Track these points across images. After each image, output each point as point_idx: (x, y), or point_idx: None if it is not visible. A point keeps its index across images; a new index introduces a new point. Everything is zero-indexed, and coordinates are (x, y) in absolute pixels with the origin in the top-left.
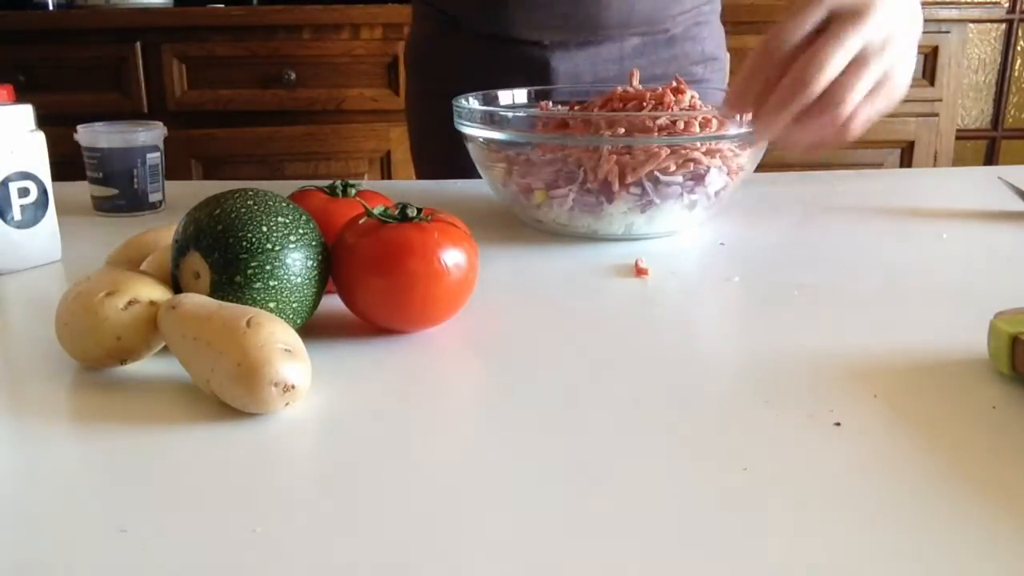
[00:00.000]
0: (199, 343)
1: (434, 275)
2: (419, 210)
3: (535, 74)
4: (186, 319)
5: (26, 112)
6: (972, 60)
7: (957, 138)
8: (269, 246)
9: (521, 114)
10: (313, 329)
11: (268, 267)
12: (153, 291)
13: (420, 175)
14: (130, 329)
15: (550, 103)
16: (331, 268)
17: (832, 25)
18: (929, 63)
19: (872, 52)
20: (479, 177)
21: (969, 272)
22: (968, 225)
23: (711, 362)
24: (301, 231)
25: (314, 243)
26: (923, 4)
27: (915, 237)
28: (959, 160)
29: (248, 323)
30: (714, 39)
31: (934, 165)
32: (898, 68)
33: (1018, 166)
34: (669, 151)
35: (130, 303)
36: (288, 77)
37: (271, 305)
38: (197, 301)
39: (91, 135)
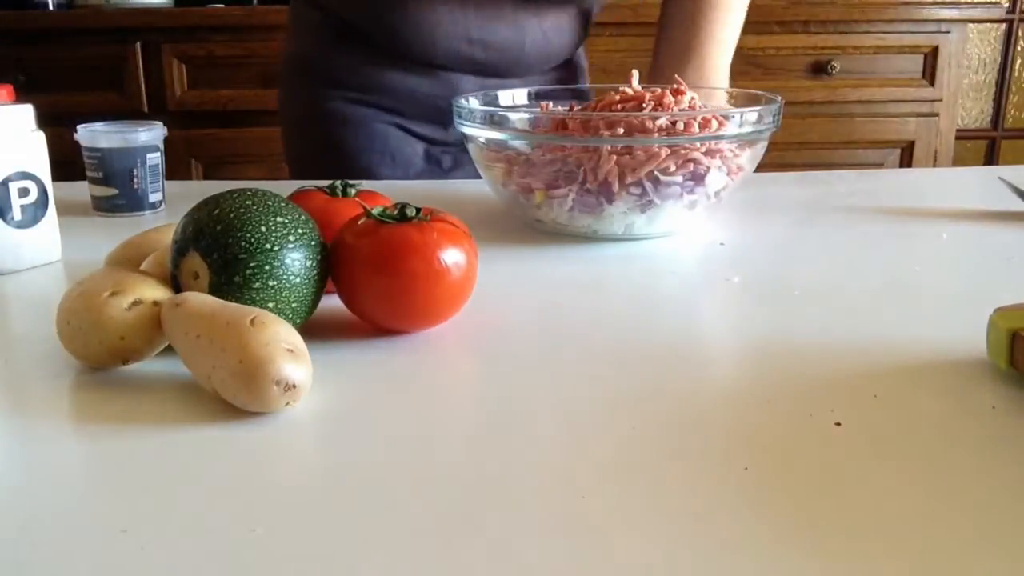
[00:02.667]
0: (202, 341)
1: (434, 275)
2: (418, 210)
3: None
4: (190, 317)
5: (26, 112)
6: (972, 60)
7: (957, 138)
8: (268, 246)
9: (521, 114)
10: (313, 329)
11: (267, 267)
12: (156, 291)
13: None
14: (134, 329)
15: (550, 103)
16: (331, 268)
17: None
18: (929, 63)
19: None
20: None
21: (969, 272)
22: (968, 225)
23: (711, 362)
24: (300, 231)
25: (313, 243)
26: (923, 4)
27: (915, 237)
28: (959, 160)
29: (252, 322)
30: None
31: (934, 165)
32: None
33: (1018, 166)
34: (669, 151)
35: (134, 303)
36: None
37: (270, 305)
38: (201, 299)
39: (91, 135)
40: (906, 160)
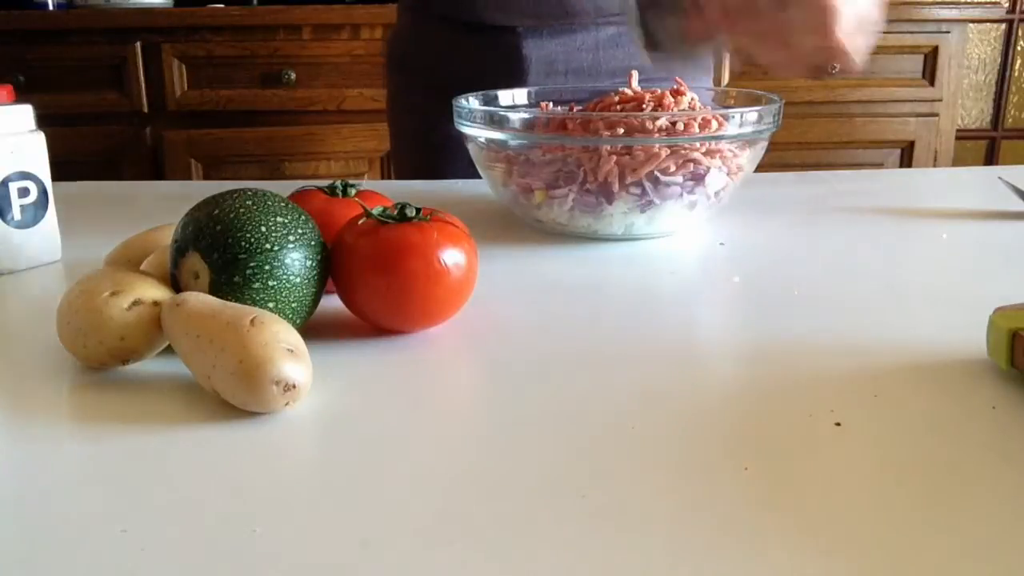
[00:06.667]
0: (202, 340)
1: (434, 275)
2: (418, 210)
3: (506, 61)
4: (190, 316)
5: (26, 112)
6: (972, 60)
7: (957, 138)
8: (268, 246)
9: (521, 114)
10: (313, 329)
11: (267, 267)
12: (156, 291)
13: (399, 176)
14: (134, 329)
15: (551, 103)
16: (331, 268)
17: None
18: (929, 63)
19: None
20: (458, 175)
21: (969, 272)
22: (968, 225)
23: (711, 362)
24: (300, 231)
25: (313, 243)
26: (923, 4)
27: (915, 237)
28: (959, 160)
29: (252, 322)
30: None
31: (934, 165)
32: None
33: (1018, 166)
34: (669, 151)
35: (134, 303)
36: (288, 77)
37: (270, 305)
38: (201, 299)
39: None
40: (906, 160)
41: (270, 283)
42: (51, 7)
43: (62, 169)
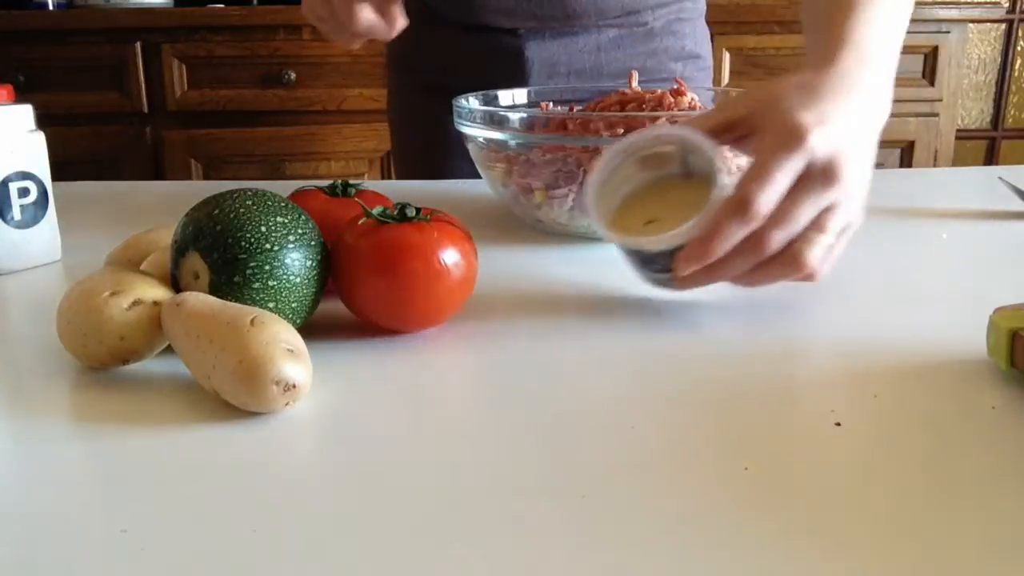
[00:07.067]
0: (202, 340)
1: (434, 275)
2: (418, 210)
3: (508, 63)
4: (190, 316)
5: (26, 112)
6: (972, 60)
7: (957, 138)
8: (268, 246)
9: (521, 114)
10: (313, 329)
11: (267, 267)
12: (156, 291)
13: (399, 174)
14: (134, 329)
15: (551, 103)
16: (331, 268)
17: (802, 183)
18: (929, 63)
19: (837, 206)
20: (457, 174)
21: (969, 272)
22: (968, 225)
23: (711, 361)
24: (300, 231)
25: (313, 243)
26: (923, 4)
27: (915, 237)
28: (959, 160)
29: (252, 322)
30: (697, 38)
31: (934, 165)
32: (857, 213)
33: (1018, 166)
34: None
35: (134, 303)
36: (288, 77)
37: (270, 305)
38: (201, 299)
39: None
40: (906, 160)
41: (270, 283)
42: (51, 7)
43: (62, 169)
